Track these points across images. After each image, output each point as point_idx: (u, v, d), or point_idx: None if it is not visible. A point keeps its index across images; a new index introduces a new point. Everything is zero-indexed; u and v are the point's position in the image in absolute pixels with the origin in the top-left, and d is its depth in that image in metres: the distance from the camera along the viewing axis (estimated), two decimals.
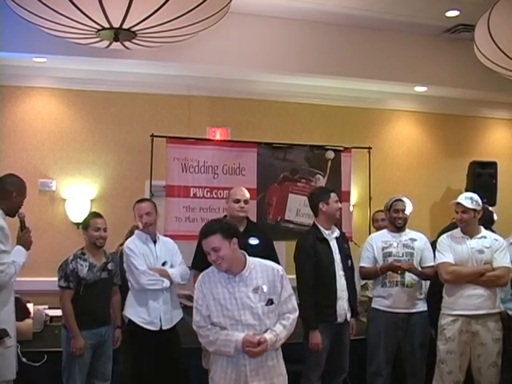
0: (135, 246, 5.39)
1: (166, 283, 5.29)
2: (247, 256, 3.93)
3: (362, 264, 5.72)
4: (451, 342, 5.19)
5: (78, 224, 7.63)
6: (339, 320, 5.23)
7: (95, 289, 5.06)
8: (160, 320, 5.29)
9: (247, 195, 5.54)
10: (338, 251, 5.39)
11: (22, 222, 4.49)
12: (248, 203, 5.52)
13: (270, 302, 3.84)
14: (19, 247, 4.35)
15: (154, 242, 5.45)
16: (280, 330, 3.85)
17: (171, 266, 5.43)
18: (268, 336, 3.77)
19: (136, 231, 5.55)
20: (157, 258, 5.40)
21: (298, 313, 4.02)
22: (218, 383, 3.88)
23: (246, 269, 3.85)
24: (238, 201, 5.42)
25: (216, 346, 3.83)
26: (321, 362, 5.24)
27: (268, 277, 3.87)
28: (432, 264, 5.51)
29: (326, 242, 5.38)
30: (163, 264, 5.39)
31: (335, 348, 5.30)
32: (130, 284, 5.39)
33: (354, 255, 5.73)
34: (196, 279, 5.34)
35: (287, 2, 7.44)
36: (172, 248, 5.55)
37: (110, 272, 5.26)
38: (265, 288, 3.83)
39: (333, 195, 5.46)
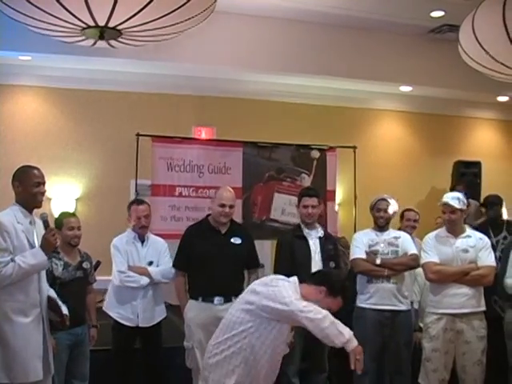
0: (121, 243, 5.54)
1: (144, 281, 5.40)
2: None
3: (357, 256, 5.62)
4: (436, 341, 5.21)
5: None
6: None
7: (70, 288, 4.98)
8: (137, 317, 5.37)
9: (233, 200, 5.48)
10: (318, 250, 5.45)
11: (45, 223, 4.33)
12: (233, 208, 5.47)
13: None
14: (35, 249, 4.22)
15: (142, 241, 5.52)
16: None
17: (158, 266, 5.51)
18: None
19: (128, 229, 5.64)
20: (142, 258, 5.49)
21: None
22: None
23: None
24: (223, 205, 5.34)
25: None
26: (294, 357, 5.23)
27: None
28: (412, 252, 5.57)
29: (304, 239, 5.44)
30: (150, 263, 5.47)
31: (311, 346, 5.30)
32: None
33: None
34: (178, 278, 5.46)
35: (273, 1, 7.45)
36: (160, 248, 5.66)
37: (85, 271, 5.21)
38: None
39: (303, 200, 5.58)
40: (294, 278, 3.82)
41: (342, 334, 3.43)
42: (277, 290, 3.60)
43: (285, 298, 3.54)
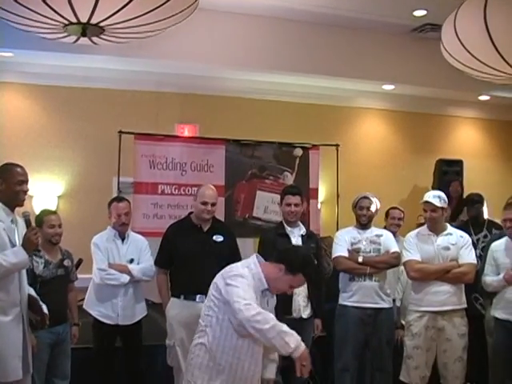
0: (101, 241, 5.53)
1: (125, 278, 5.38)
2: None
3: (338, 254, 5.63)
4: (418, 338, 5.24)
5: None
6: (294, 315, 5.25)
7: (52, 286, 4.94)
8: (118, 315, 5.38)
9: (215, 198, 5.46)
10: None
11: (27, 222, 4.29)
12: (215, 205, 5.45)
13: None
14: (17, 247, 4.17)
15: (123, 239, 5.52)
16: None
17: (138, 263, 5.50)
18: None
19: (108, 227, 5.63)
20: (122, 255, 5.49)
21: None
22: None
23: None
24: (205, 203, 5.32)
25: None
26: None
27: None
28: (394, 250, 5.59)
29: (286, 237, 5.47)
30: (131, 261, 5.46)
31: None
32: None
33: None
34: (160, 276, 5.45)
35: None
36: (141, 245, 5.65)
37: (66, 269, 5.16)
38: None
39: (286, 197, 5.58)
40: (254, 260, 3.73)
41: (288, 344, 3.34)
42: (230, 292, 3.50)
43: (235, 304, 3.44)
